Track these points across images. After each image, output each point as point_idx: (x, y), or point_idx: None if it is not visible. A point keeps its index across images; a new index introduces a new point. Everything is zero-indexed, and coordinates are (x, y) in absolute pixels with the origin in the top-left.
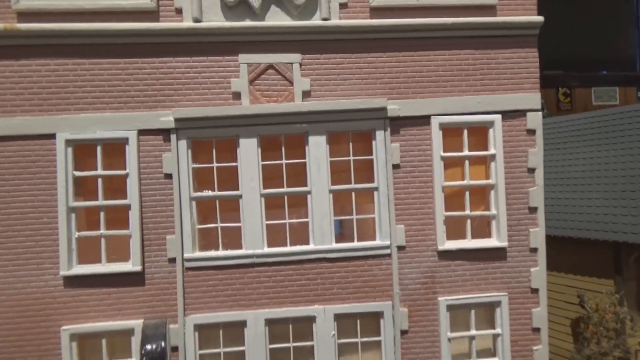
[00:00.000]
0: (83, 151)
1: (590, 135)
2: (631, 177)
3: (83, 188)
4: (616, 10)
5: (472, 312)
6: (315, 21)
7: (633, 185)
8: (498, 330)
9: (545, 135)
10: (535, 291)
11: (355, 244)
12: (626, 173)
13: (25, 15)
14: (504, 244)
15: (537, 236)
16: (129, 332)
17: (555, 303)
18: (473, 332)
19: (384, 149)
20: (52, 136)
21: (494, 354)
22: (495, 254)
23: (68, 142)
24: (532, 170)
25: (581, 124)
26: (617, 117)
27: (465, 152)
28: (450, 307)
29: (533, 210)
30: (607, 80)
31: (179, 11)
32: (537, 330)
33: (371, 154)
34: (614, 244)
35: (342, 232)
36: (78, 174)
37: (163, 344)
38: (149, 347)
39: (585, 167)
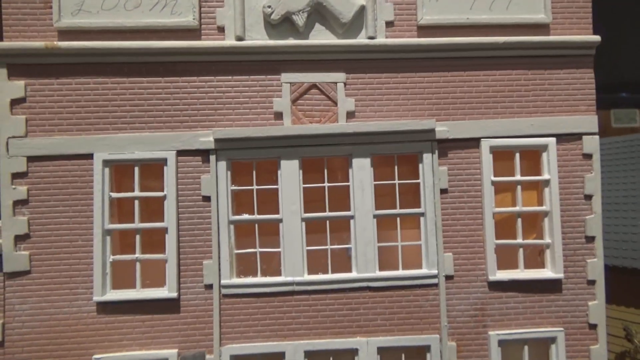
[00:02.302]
0: (120, 172)
1: (631, 159)
2: None
3: (119, 210)
4: (636, 32)
5: (526, 348)
6: (361, 40)
7: None
8: None
9: None
10: (593, 327)
11: (401, 272)
12: None
13: (67, 33)
14: (560, 275)
15: (595, 268)
16: None
17: None
18: None
19: (432, 172)
20: (89, 156)
21: None
22: (550, 286)
23: (106, 163)
24: (589, 197)
25: (621, 146)
26: None
27: (518, 177)
28: (501, 342)
29: (590, 239)
30: (627, 102)
31: (221, 29)
32: None
33: (418, 178)
34: None
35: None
36: (115, 195)
37: None
38: None
39: (628, 192)
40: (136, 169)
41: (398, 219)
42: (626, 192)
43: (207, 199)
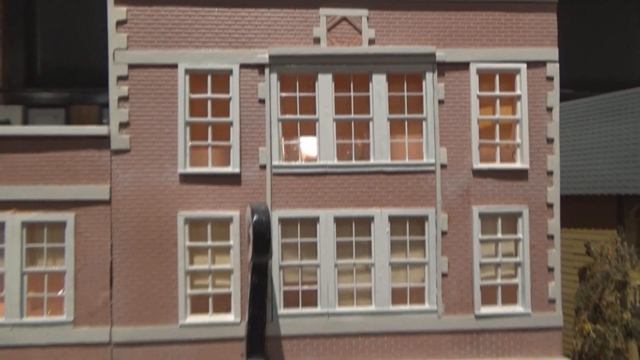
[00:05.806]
0: (197, 79)
1: (599, 113)
2: (634, 144)
3: (196, 108)
4: (629, 32)
5: (499, 219)
6: None
7: (635, 146)
8: (519, 236)
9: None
10: (550, 206)
11: (407, 161)
12: (629, 141)
13: None
14: (526, 166)
15: (553, 162)
16: (229, 220)
17: (564, 255)
18: (499, 236)
19: (432, 87)
20: (175, 66)
21: (515, 255)
22: (519, 175)
23: (186, 71)
24: (550, 109)
25: (592, 104)
26: (624, 97)
27: (497, 93)
28: (481, 215)
29: (550, 141)
30: None
31: None
32: (551, 237)
33: (421, 91)
34: (617, 197)
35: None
36: (193, 96)
37: (268, 216)
38: (257, 217)
39: (594, 138)
40: (209, 77)
41: (406, 122)
42: (593, 139)
43: (262, 101)
